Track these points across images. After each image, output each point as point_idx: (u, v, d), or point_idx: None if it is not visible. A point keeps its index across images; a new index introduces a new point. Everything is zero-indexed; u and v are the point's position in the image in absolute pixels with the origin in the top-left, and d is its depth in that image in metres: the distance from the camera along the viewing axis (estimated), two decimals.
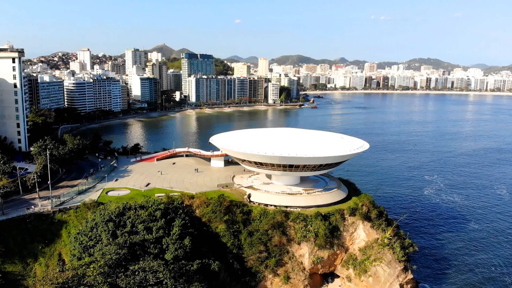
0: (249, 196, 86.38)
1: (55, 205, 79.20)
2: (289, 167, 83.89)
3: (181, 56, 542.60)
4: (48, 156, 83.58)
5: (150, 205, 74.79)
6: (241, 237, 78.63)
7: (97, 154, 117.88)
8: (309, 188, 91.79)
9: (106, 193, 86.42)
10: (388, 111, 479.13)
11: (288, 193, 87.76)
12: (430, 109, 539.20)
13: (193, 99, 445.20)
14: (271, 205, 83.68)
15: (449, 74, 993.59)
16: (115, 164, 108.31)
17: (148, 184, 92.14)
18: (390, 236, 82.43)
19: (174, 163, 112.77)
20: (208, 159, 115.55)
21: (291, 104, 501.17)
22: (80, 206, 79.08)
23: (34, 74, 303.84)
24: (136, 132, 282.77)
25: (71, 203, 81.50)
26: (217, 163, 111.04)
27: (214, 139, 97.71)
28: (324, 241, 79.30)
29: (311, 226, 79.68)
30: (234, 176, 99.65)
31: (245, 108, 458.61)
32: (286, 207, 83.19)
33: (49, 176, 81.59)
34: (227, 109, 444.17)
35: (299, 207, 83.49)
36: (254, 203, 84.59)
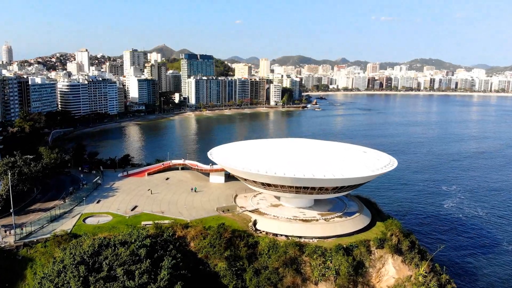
0: (254, 223, 72.08)
1: (19, 238, 65.01)
2: (303, 189, 69.54)
3: (181, 57, 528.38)
4: (14, 176, 69.53)
5: (133, 240, 60.55)
6: (245, 276, 64.29)
7: (79, 168, 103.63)
8: (326, 211, 77.40)
9: (84, 220, 72.11)
10: (393, 113, 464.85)
11: (302, 219, 73.34)
12: (437, 110, 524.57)
13: (192, 101, 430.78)
14: (281, 235, 69.40)
15: (452, 75, 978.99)
16: (99, 181, 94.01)
17: (135, 207, 77.84)
18: (425, 272, 68.16)
19: (167, 179, 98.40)
20: (206, 173, 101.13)
21: (293, 106, 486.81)
22: (50, 239, 64.90)
23: (25, 76, 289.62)
24: (130, 137, 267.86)
25: (40, 234, 67.20)
26: (217, 179, 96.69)
27: (214, 154, 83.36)
28: (347, 281, 65.02)
29: (331, 263, 65.39)
30: (236, 196, 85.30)
31: (246, 110, 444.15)
32: (300, 237, 68.89)
33: (11, 202, 67.25)
34: (227, 111, 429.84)
35: (315, 237, 69.13)
36: (260, 232, 70.28)
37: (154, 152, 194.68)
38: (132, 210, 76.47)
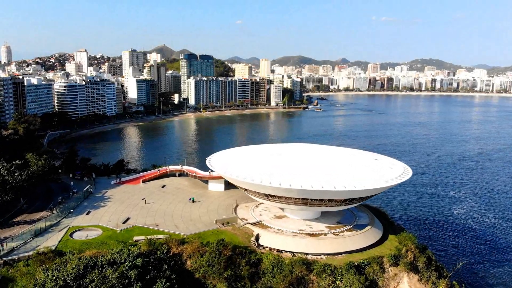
0: (257, 237, 66.10)
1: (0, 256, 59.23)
2: (311, 202, 63.58)
3: (180, 57, 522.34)
4: None
5: (123, 260, 54.57)
6: None
7: (70, 175, 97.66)
8: (334, 224, 71.42)
9: (71, 234, 66.15)
10: (395, 114, 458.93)
11: (309, 234, 67.34)
12: (439, 111, 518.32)
13: (192, 101, 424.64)
14: (286, 251, 63.47)
15: (454, 75, 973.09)
16: (91, 189, 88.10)
17: (127, 219, 71.90)
18: None
19: (163, 186, 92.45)
20: (205, 180, 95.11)
21: (294, 106, 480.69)
22: (32, 256, 58.99)
23: (20, 77, 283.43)
24: (128, 140, 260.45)
25: (22, 251, 61.26)
26: (216, 186, 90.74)
27: (213, 161, 77.34)
28: None
29: (342, 282, 59.48)
30: (237, 206, 79.32)
31: (247, 111, 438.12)
32: (307, 254, 62.95)
33: None
34: (228, 112, 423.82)
35: (324, 254, 63.18)
36: (264, 248, 64.33)
37: (152, 155, 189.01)
38: (124, 222, 70.54)
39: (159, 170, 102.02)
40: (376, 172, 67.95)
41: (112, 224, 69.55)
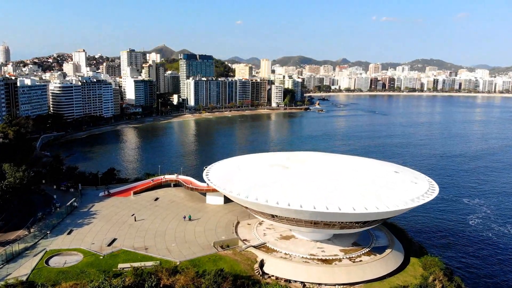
0: (261, 264, 57.38)
1: None
2: (324, 224, 54.86)
3: (179, 57, 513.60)
4: None
5: None
6: None
7: (54, 187, 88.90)
8: (349, 246, 62.63)
9: (48, 260, 57.40)
10: (398, 114, 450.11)
11: (321, 259, 58.54)
12: (443, 111, 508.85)
13: (191, 102, 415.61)
14: (295, 282, 54.75)
15: (456, 75, 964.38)
16: (76, 203, 79.37)
17: (113, 240, 63.20)
18: None
19: (156, 199, 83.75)
20: (203, 191, 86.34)
21: (296, 107, 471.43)
22: None
23: (13, 77, 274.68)
24: (123, 143, 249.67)
25: None
26: (215, 199, 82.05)
27: (211, 174, 68.49)
28: None
29: None
30: (238, 223, 70.57)
31: (247, 112, 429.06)
32: (319, 285, 54.23)
33: None
34: (228, 113, 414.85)
35: (339, 285, 54.46)
36: (269, 277, 55.63)
37: (147, 160, 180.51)
38: (109, 245, 61.84)
39: (152, 180, 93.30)
40: (398, 188, 59.11)
41: (95, 247, 60.82)
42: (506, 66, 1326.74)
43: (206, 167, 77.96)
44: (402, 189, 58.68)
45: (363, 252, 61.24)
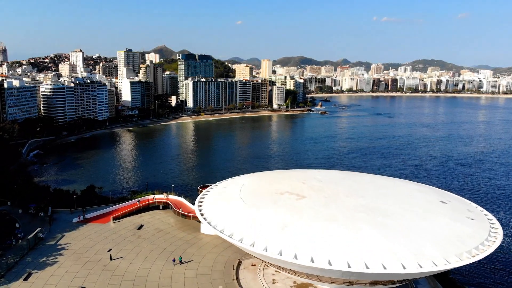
0: None
1: None
2: (358, 282, 40.66)
3: (178, 57, 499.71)
4: None
5: None
6: None
7: (20, 211, 74.71)
8: None
9: None
10: (401, 114, 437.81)
11: None
12: (448, 112, 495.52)
13: (190, 104, 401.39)
14: None
15: (459, 76, 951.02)
16: (42, 234, 65.24)
17: None
18: None
19: (140, 227, 69.59)
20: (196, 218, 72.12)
21: (298, 109, 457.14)
22: None
23: (8, 78, 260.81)
24: (116, 148, 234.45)
25: None
26: (211, 229, 67.74)
27: (205, 208, 54.21)
28: None
29: None
30: (239, 264, 56.44)
31: (248, 114, 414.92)
32: None
33: None
34: (228, 115, 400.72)
35: None
36: None
37: (137, 169, 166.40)
38: None
39: (138, 201, 79.17)
40: (451, 228, 44.77)
41: None
42: (507, 66, 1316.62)
43: (200, 189, 63.93)
44: (460, 232, 44.30)
45: None
